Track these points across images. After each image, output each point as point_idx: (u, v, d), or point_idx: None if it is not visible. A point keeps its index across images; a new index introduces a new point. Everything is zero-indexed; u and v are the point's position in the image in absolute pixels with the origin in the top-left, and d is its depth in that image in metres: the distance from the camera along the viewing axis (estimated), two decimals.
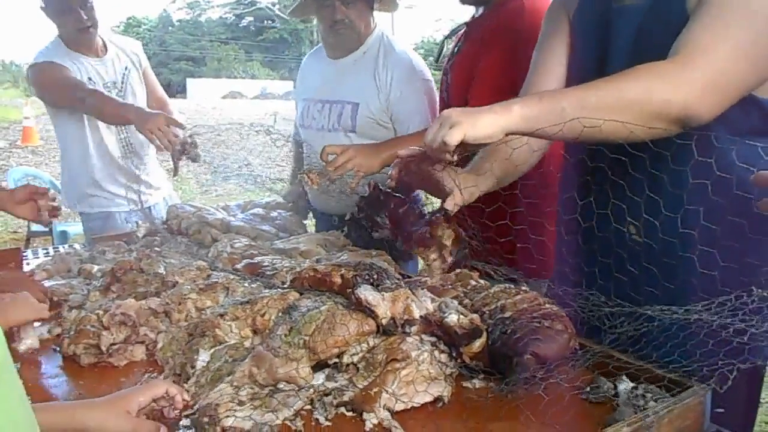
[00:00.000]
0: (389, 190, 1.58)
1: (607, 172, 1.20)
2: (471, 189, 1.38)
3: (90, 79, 2.59)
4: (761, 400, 1.46)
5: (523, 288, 1.30)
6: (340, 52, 2.24)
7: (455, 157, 1.11)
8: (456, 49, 2.00)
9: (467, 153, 1.16)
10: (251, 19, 44.46)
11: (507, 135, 1.07)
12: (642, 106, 1.01)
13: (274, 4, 41.78)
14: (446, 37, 2.20)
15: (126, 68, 2.70)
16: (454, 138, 1.04)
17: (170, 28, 44.14)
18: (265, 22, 43.54)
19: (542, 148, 1.39)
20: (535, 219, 1.38)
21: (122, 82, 2.66)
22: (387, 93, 2.14)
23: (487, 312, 1.24)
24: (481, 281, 1.38)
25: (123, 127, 2.66)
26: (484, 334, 1.11)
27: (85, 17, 2.48)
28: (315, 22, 2.41)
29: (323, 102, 2.26)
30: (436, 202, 1.49)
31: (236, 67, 39.74)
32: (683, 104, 1.01)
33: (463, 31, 2.02)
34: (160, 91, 2.89)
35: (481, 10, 1.95)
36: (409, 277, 1.48)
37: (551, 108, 1.04)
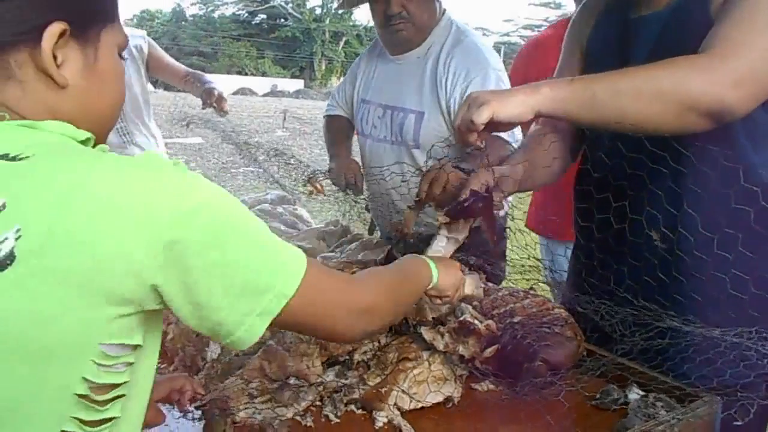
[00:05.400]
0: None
1: (627, 177, 1.19)
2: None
3: None
4: None
5: (531, 292, 1.29)
6: (400, 49, 1.88)
7: (482, 143, 1.09)
8: None
9: (495, 132, 1.12)
10: (264, 16, 44.54)
11: (536, 116, 1.06)
12: (675, 95, 1.00)
13: (287, 3, 41.88)
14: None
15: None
16: (482, 116, 1.02)
17: (183, 22, 44.27)
18: (278, 20, 43.63)
19: (563, 156, 1.32)
20: None
21: None
22: (448, 92, 1.74)
23: (497, 315, 1.24)
24: (489, 284, 1.38)
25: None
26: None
27: None
28: (323, 21, 2.13)
29: (384, 107, 1.90)
30: None
31: (247, 64, 39.82)
32: (718, 96, 1.00)
33: None
34: (182, 69, 2.83)
35: None
36: None
37: (582, 91, 1.03)
